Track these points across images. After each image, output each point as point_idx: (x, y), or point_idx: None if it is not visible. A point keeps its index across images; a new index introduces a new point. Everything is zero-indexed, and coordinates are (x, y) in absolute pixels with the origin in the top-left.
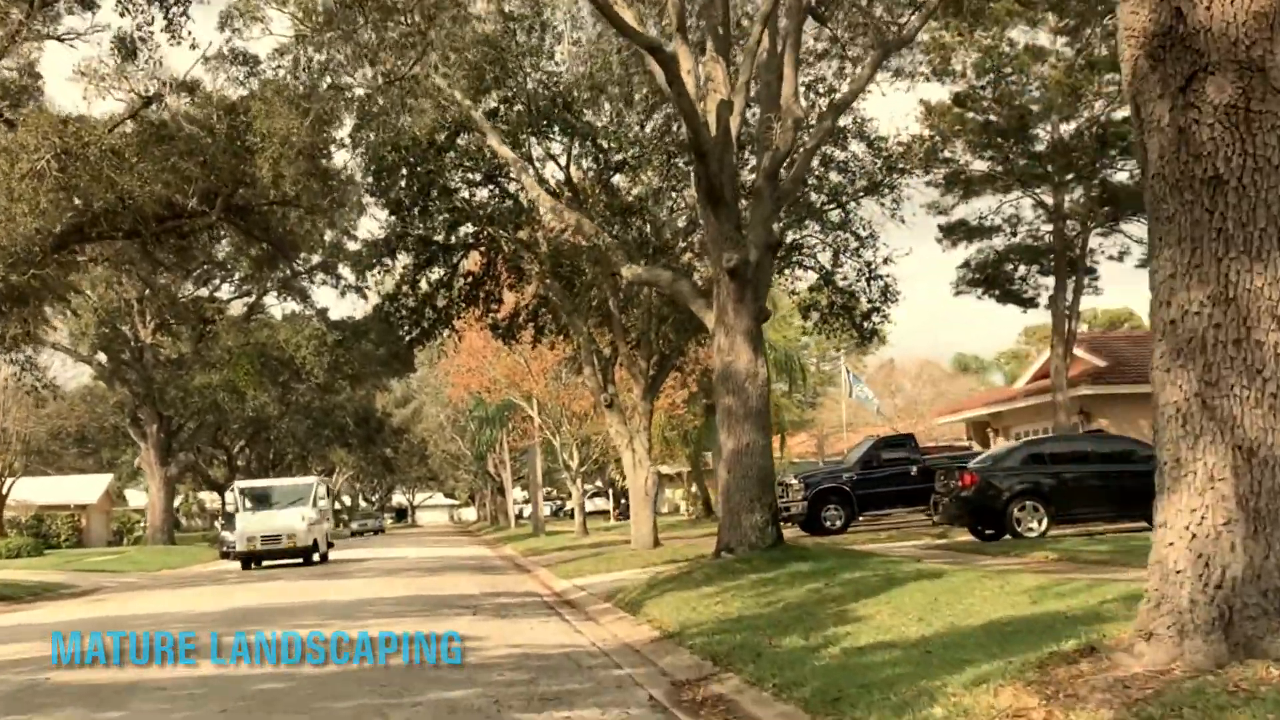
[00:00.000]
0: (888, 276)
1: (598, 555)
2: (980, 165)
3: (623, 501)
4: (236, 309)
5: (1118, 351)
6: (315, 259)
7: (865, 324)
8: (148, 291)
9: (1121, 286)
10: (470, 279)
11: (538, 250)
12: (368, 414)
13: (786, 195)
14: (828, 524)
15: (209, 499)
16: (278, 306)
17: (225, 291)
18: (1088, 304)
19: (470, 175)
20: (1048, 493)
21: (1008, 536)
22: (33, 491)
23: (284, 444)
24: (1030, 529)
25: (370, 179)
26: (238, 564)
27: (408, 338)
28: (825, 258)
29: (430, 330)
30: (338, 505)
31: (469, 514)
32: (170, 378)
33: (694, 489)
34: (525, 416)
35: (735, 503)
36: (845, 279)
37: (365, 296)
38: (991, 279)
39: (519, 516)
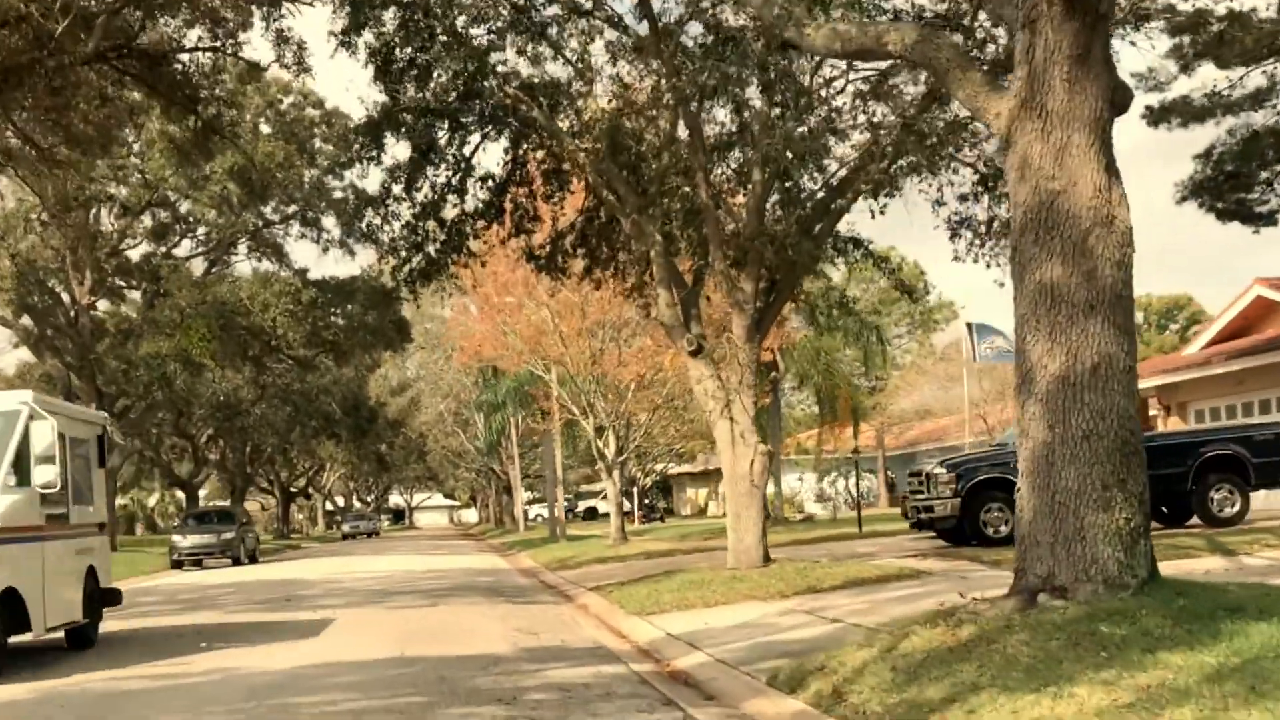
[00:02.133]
0: None
1: (671, 576)
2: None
3: (645, 501)
4: (198, 271)
5: None
6: (291, 209)
7: None
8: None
9: None
10: (493, 184)
11: (592, 124)
12: (358, 401)
13: None
14: (989, 530)
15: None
16: (245, 263)
17: (186, 249)
18: None
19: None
20: None
21: None
22: None
23: (262, 435)
24: None
25: (345, 10)
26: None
27: (403, 273)
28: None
29: (437, 262)
30: (330, 506)
31: (470, 516)
32: (112, 347)
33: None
34: (545, 395)
35: (1064, 492)
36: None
37: (353, 253)
38: (1221, 184)
39: (529, 519)
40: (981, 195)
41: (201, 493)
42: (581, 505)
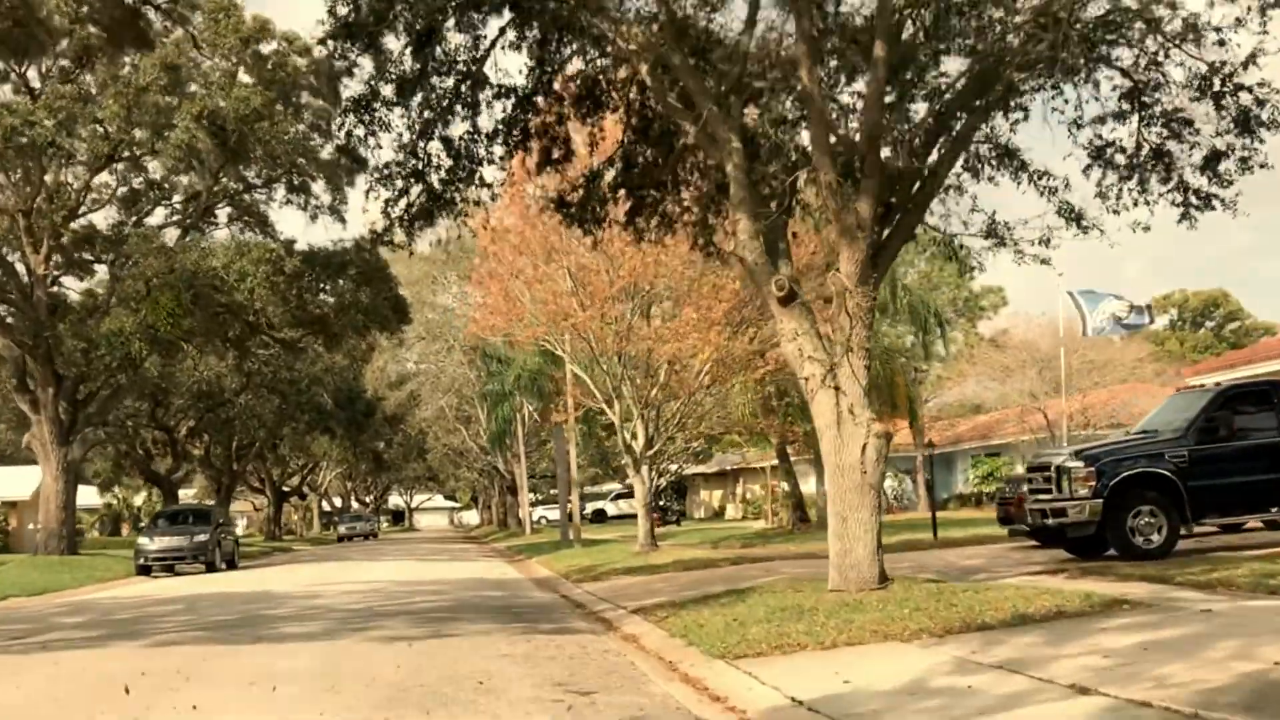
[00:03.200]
0: (1256, 89)
1: (742, 597)
2: None
3: (661, 503)
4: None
5: None
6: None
7: (1210, 179)
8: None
9: None
10: (515, 98)
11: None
12: (353, 394)
13: None
14: (1138, 540)
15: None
16: (226, 234)
17: (160, 218)
18: None
19: None
20: None
21: None
22: None
23: (249, 428)
24: None
25: None
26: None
27: (397, 209)
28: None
29: (440, 196)
30: (327, 507)
31: (471, 518)
32: (73, 324)
33: (777, 485)
34: (559, 384)
35: None
36: (1168, 98)
37: (344, 220)
38: None
39: (535, 521)
40: (1130, 115)
41: (189, 492)
42: (589, 507)
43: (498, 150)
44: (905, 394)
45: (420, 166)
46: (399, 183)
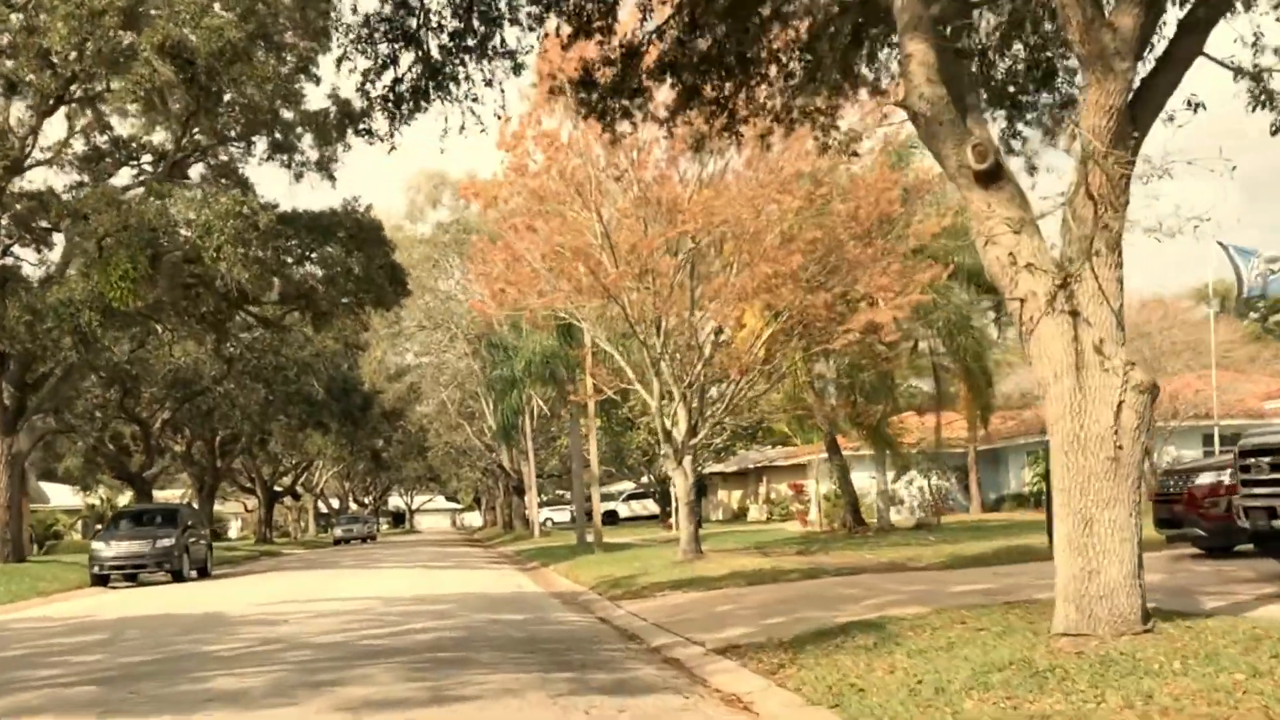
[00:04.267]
0: None
1: (893, 636)
2: None
3: (699, 500)
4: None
5: None
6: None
7: None
8: None
9: None
10: None
11: None
12: (348, 385)
13: None
14: None
15: (171, 498)
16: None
17: (125, 180)
18: None
19: None
20: None
21: None
22: None
23: (232, 420)
24: None
25: None
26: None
27: (380, 85)
28: None
29: (440, 70)
30: (324, 509)
31: (474, 519)
32: (18, 295)
33: (803, 484)
34: (573, 371)
35: None
36: None
37: (333, 177)
38: None
39: (541, 524)
40: None
41: (176, 493)
42: (600, 508)
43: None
44: (988, 379)
45: (415, 26)
46: (383, 48)
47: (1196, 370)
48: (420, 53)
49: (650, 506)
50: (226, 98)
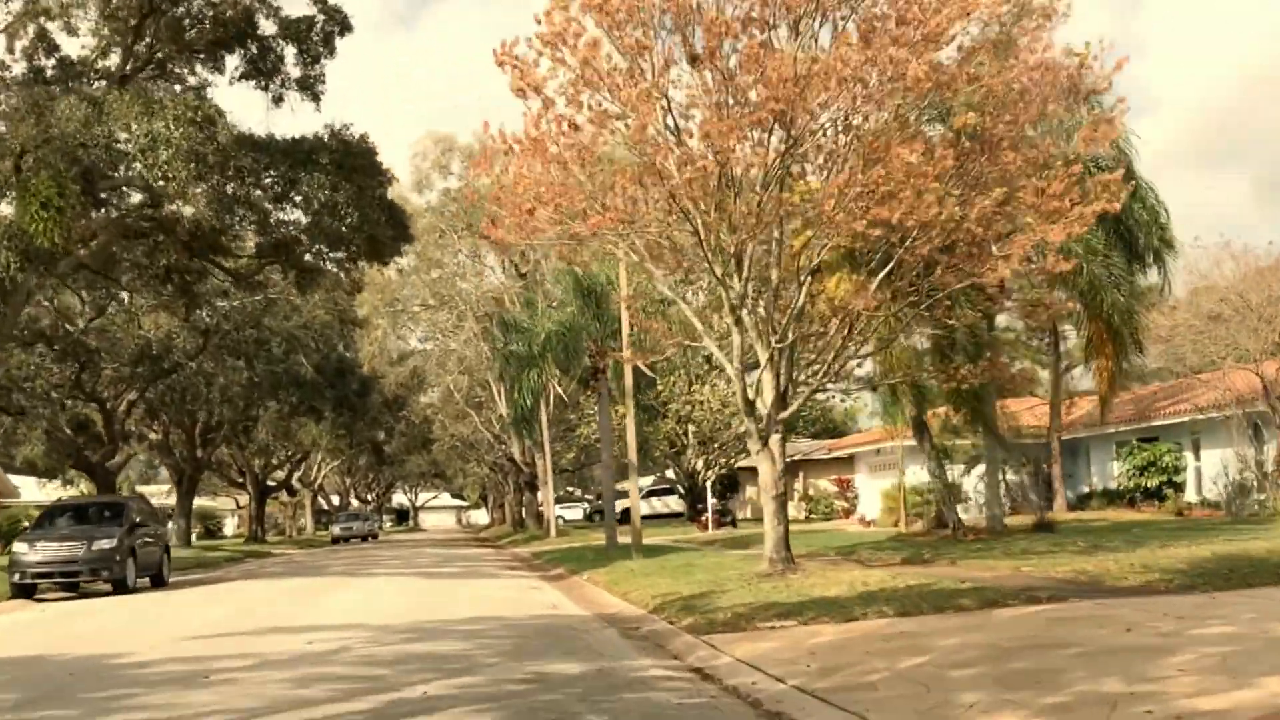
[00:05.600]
0: None
1: None
2: None
3: (724, 501)
4: None
5: None
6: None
7: None
8: None
9: None
10: None
11: None
12: (344, 366)
13: None
14: None
15: (153, 492)
16: None
17: None
18: None
19: None
20: None
21: None
22: None
23: (209, 403)
24: None
25: None
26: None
27: None
28: None
29: None
30: (324, 506)
31: (480, 517)
32: None
33: (848, 479)
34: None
35: None
36: None
37: (318, 98)
38: None
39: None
40: None
41: (162, 487)
42: (619, 504)
43: None
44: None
45: None
46: None
47: None
48: None
49: (672, 504)
50: None
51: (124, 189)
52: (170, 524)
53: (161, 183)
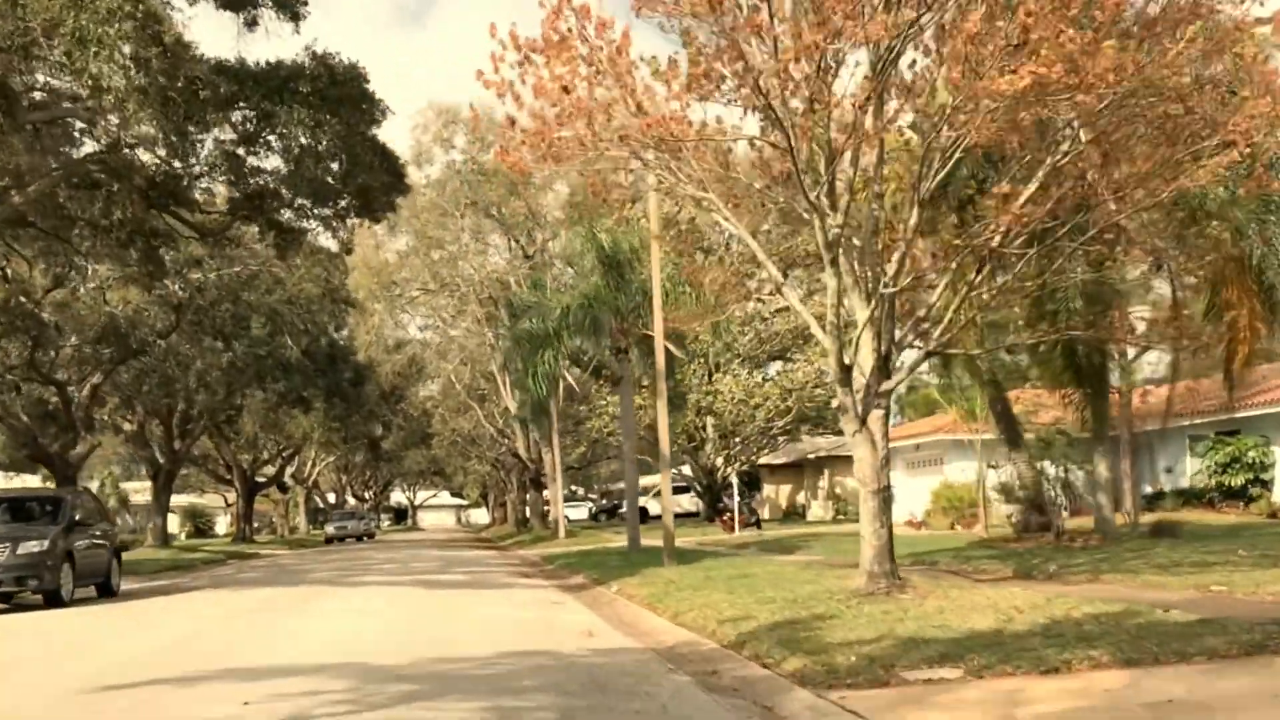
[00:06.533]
0: None
1: None
2: None
3: (755, 495)
4: None
5: None
6: None
7: None
8: None
9: None
10: None
11: None
12: (335, 352)
13: None
14: None
15: (137, 488)
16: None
17: None
18: None
19: None
20: None
21: None
22: None
23: (186, 388)
24: None
25: None
26: None
27: None
28: None
29: None
30: (320, 504)
31: (480, 516)
32: None
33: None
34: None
35: None
36: None
37: (298, 18)
38: None
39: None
40: None
41: (144, 487)
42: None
43: None
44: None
45: None
46: None
47: None
48: None
49: (685, 503)
50: None
51: (66, 125)
52: (120, 521)
53: (93, 97)
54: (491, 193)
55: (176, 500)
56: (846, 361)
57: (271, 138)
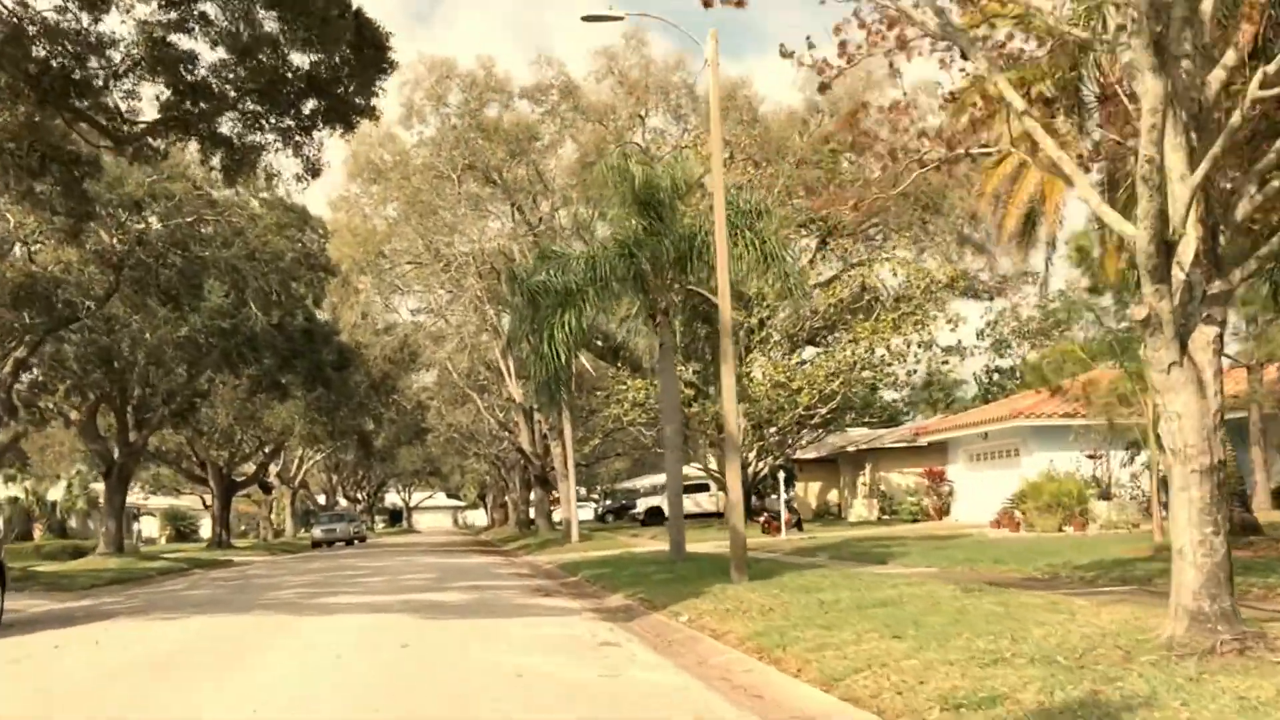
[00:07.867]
0: None
1: None
2: None
3: (789, 499)
4: None
5: None
6: None
7: None
8: None
9: None
10: None
11: None
12: (314, 328)
13: None
14: None
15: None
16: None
17: None
18: None
19: None
20: None
21: None
22: None
23: (140, 367)
24: None
25: None
26: None
27: None
28: None
29: None
30: (310, 505)
31: (478, 518)
32: None
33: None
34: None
35: None
36: None
37: None
38: None
39: (556, 524)
40: None
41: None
42: (641, 505)
43: None
44: None
45: None
46: None
47: None
48: None
49: (705, 503)
50: None
51: None
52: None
53: None
54: (492, 155)
55: (156, 502)
56: (1154, 261)
57: (207, 6)
